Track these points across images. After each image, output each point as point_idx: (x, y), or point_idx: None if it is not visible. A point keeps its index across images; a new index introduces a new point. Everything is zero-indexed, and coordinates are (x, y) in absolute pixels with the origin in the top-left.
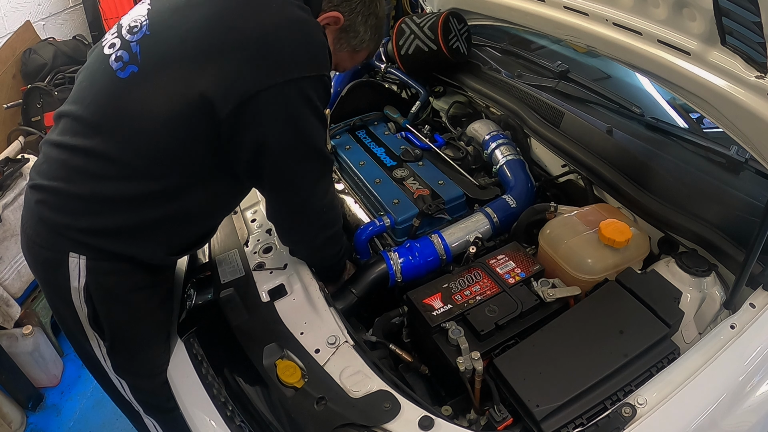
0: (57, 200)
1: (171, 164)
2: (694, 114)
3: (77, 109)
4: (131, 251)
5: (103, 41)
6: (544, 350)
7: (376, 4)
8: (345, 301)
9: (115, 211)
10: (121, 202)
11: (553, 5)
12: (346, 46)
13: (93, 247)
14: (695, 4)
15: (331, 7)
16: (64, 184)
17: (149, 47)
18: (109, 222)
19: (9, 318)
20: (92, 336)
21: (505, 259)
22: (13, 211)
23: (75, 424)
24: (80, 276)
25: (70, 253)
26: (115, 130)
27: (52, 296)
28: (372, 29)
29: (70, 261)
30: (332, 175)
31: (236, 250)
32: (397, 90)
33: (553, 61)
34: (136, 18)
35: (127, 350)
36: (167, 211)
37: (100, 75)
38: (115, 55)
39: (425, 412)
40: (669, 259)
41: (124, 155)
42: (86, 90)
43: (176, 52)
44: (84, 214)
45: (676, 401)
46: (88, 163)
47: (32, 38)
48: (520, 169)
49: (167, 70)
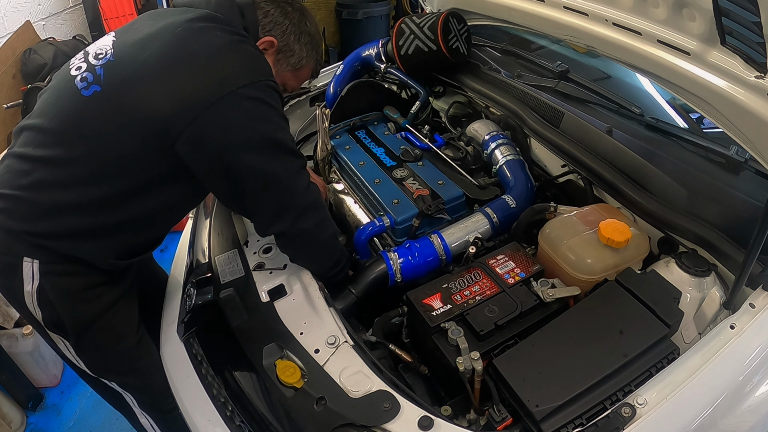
0: (17, 207)
1: (126, 176)
2: (694, 114)
3: (41, 122)
4: (82, 254)
5: (70, 65)
6: (544, 350)
7: (305, 23)
8: (344, 301)
9: (73, 216)
10: (80, 209)
11: (553, 5)
12: (286, 65)
13: (47, 250)
14: (695, 4)
15: (265, 33)
16: (25, 193)
17: (112, 71)
18: (67, 225)
19: (9, 318)
20: (57, 338)
21: (505, 259)
22: None
23: (75, 424)
24: (33, 280)
25: (24, 257)
26: (76, 142)
27: (12, 301)
28: (307, 46)
29: (24, 265)
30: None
31: (236, 250)
32: (397, 90)
33: (553, 62)
34: (102, 47)
35: (95, 347)
36: (121, 217)
37: (65, 93)
38: (81, 76)
39: (425, 412)
40: (669, 259)
41: (84, 165)
42: (50, 105)
43: (136, 76)
44: (41, 219)
45: (676, 401)
46: (49, 172)
47: (32, 38)
48: (520, 170)
49: (128, 91)
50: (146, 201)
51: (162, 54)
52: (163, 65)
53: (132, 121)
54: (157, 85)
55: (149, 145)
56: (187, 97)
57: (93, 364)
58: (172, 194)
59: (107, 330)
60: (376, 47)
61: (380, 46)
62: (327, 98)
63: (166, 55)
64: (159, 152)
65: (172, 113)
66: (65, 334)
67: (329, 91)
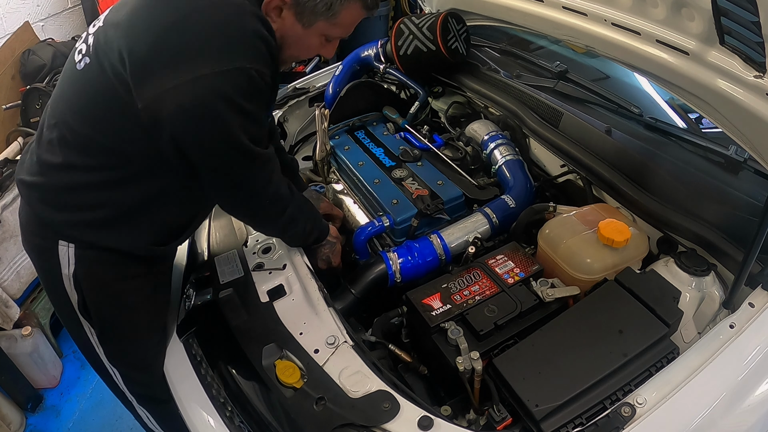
0: (38, 194)
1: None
2: (693, 114)
3: (49, 104)
4: (111, 242)
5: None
6: (544, 350)
7: None
8: (344, 301)
9: (89, 201)
10: (92, 192)
11: (552, 5)
12: (314, 17)
13: (77, 238)
14: (694, 4)
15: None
16: (40, 179)
17: (98, 38)
18: (86, 215)
19: (8, 319)
20: (84, 323)
21: (504, 259)
22: (12, 212)
23: (74, 425)
24: (70, 263)
25: (60, 241)
26: (69, 121)
27: (47, 283)
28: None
29: (60, 249)
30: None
31: (235, 250)
32: (396, 90)
33: (552, 62)
34: (101, 16)
35: (117, 339)
36: (135, 198)
37: (66, 69)
38: (79, 48)
39: (424, 412)
40: (668, 259)
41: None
42: (57, 86)
43: (108, 41)
44: (62, 207)
45: (676, 401)
46: (55, 156)
47: (31, 39)
48: (519, 170)
49: (104, 59)
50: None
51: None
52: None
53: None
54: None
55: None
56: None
57: (112, 354)
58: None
59: (133, 325)
60: (375, 48)
61: (379, 46)
62: (326, 99)
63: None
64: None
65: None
66: (92, 321)
67: (328, 92)
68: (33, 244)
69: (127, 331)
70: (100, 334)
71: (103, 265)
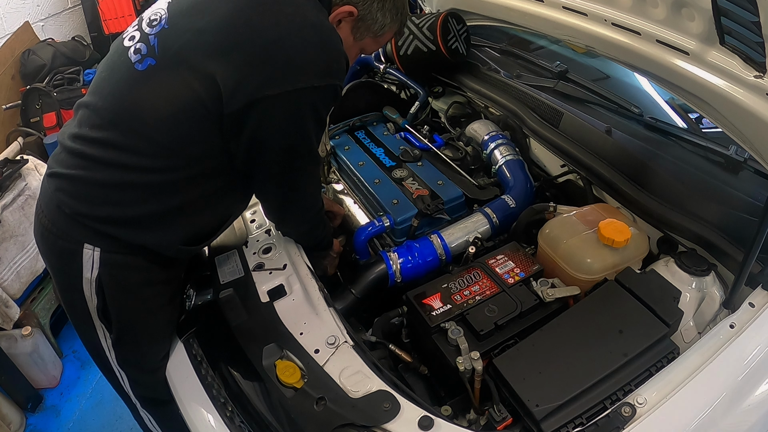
0: (75, 188)
1: (183, 155)
2: (693, 114)
3: (96, 101)
4: (146, 240)
5: (124, 33)
6: (544, 350)
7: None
8: (344, 301)
9: (132, 199)
10: (138, 191)
11: (552, 5)
12: (366, 33)
13: (109, 237)
14: (694, 4)
15: (344, 2)
16: (82, 172)
17: (167, 40)
18: (127, 211)
19: (8, 319)
20: (99, 327)
21: (505, 259)
22: (12, 213)
23: (74, 425)
24: (93, 268)
25: (85, 244)
26: (131, 122)
27: (64, 285)
28: (391, 12)
29: (85, 252)
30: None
31: (235, 250)
32: (396, 90)
33: (552, 62)
34: (157, 11)
35: (133, 344)
36: (182, 199)
37: (119, 67)
38: (134, 47)
39: (425, 412)
40: (668, 259)
41: (139, 146)
42: (105, 81)
43: (192, 47)
44: (102, 203)
45: (676, 401)
46: (105, 154)
47: (31, 39)
48: (519, 169)
49: (183, 64)
50: (208, 182)
51: (222, 24)
52: (221, 40)
53: (187, 100)
54: (212, 63)
55: (204, 126)
56: (242, 82)
57: (124, 359)
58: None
59: (151, 330)
60: None
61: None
62: None
63: (226, 26)
64: (210, 131)
65: (225, 92)
66: (110, 326)
67: None
68: (55, 246)
69: (144, 337)
70: (116, 339)
71: (129, 270)
